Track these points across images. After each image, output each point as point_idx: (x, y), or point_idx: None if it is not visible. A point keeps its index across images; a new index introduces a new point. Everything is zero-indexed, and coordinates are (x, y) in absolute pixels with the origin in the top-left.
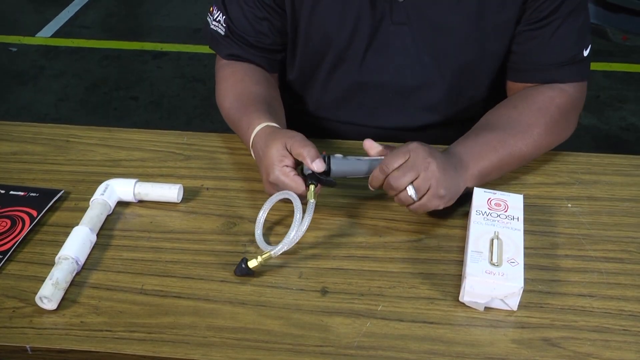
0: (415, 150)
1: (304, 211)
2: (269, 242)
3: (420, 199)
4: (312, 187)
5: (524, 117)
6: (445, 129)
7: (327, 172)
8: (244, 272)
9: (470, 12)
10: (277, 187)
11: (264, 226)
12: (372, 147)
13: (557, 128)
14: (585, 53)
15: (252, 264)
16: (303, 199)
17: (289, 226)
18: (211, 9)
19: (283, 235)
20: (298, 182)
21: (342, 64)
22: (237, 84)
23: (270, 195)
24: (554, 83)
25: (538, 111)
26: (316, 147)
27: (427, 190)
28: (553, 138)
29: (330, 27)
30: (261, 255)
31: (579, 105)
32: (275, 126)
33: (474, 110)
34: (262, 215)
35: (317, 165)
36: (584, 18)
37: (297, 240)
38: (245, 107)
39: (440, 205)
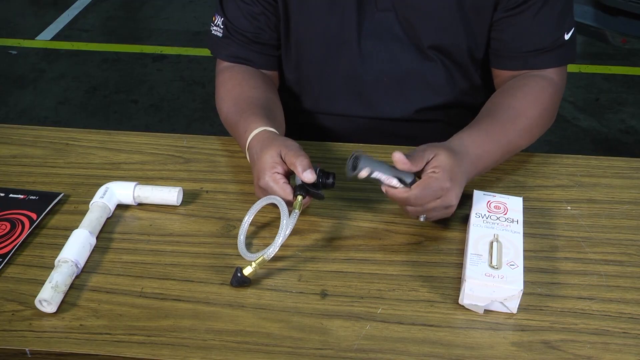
0: (448, 194)
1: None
2: (249, 248)
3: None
4: (299, 197)
5: (524, 108)
6: (444, 124)
7: (316, 184)
8: (240, 282)
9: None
10: (267, 192)
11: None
12: (400, 160)
13: (547, 118)
14: (567, 36)
15: (247, 271)
16: (290, 207)
17: (270, 231)
18: (213, 17)
19: (264, 238)
20: (287, 191)
21: (334, 54)
22: (234, 88)
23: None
24: (535, 70)
25: (535, 101)
26: (310, 159)
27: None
28: (543, 127)
29: (319, 18)
30: (255, 262)
31: (562, 90)
32: (272, 131)
33: (470, 99)
34: (247, 220)
35: (307, 176)
36: (564, 1)
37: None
38: (242, 111)
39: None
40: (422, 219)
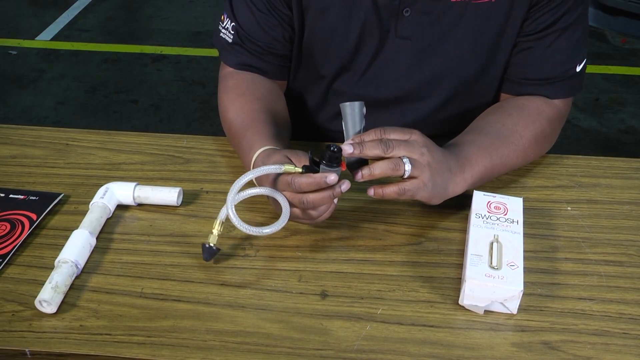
0: (417, 137)
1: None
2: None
3: (406, 180)
4: (293, 167)
5: (518, 128)
6: (445, 140)
7: (309, 167)
8: (211, 253)
9: (473, 29)
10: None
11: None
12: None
13: (544, 140)
14: (579, 68)
15: (213, 240)
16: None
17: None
18: (222, 17)
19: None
20: None
21: (343, 75)
22: (237, 98)
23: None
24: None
25: (532, 123)
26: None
27: (416, 177)
28: (540, 150)
29: (335, 39)
30: (214, 228)
31: (564, 118)
32: (274, 149)
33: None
34: (240, 182)
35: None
36: (581, 32)
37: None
38: (246, 127)
39: (423, 198)
40: (407, 167)
